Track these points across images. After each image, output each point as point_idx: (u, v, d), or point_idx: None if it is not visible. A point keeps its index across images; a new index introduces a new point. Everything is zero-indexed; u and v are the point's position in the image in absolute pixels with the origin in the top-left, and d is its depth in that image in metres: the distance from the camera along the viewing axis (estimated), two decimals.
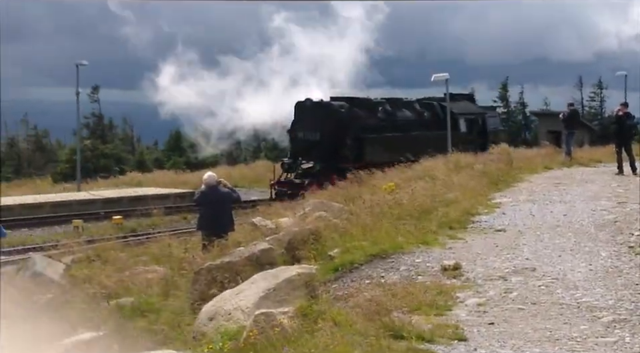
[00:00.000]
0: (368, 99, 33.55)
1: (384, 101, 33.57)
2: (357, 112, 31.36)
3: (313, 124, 30.23)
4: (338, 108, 30.77)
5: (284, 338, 6.76)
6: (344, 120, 30.38)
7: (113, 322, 9.58)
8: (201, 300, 9.59)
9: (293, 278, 8.32)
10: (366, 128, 31.17)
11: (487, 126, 36.40)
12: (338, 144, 30.05)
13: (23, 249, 23.24)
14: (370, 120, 31.73)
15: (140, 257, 15.50)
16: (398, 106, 33.84)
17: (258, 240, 13.07)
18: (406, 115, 33.74)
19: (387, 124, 32.19)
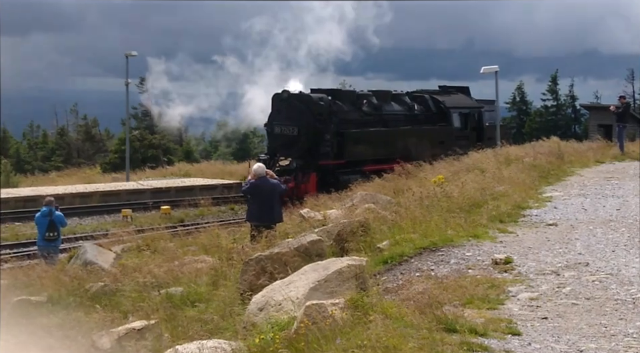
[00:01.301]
0: (351, 91, 31.55)
1: (369, 94, 31.26)
2: (339, 106, 29.20)
3: (290, 118, 28.14)
4: (317, 101, 28.30)
5: (335, 329, 6.73)
6: (324, 114, 28.08)
7: (164, 310, 9.62)
8: (250, 290, 9.58)
9: (343, 270, 8.27)
10: (348, 123, 29.03)
11: (483, 120, 34.12)
12: (317, 140, 27.75)
13: (74, 237, 23.60)
14: (353, 114, 29.59)
15: (189, 247, 15.57)
16: (385, 99, 31.42)
17: (306, 231, 13.06)
18: (394, 109, 31.46)
19: (372, 119, 30.17)
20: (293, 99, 28.19)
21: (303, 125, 27.65)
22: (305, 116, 27.68)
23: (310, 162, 27.42)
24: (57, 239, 17.83)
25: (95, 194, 33.93)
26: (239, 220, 21.32)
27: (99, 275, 12.99)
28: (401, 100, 31.99)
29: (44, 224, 17.91)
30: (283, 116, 28.21)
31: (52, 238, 17.47)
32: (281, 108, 28.43)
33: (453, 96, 33.81)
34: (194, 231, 17.67)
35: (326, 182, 26.53)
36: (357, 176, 26.90)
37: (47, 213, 18.04)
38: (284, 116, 28.19)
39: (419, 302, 7.64)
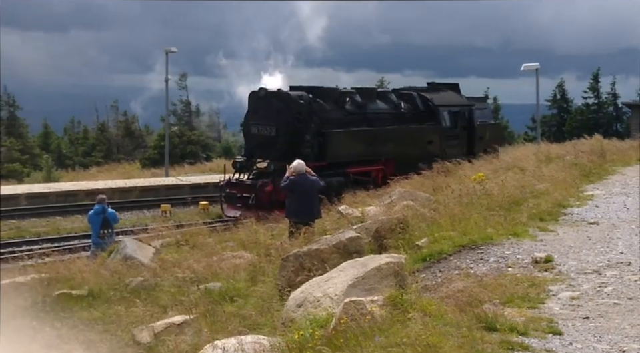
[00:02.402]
0: (333, 89, 28.92)
1: (353, 91, 29.19)
2: (320, 104, 27.17)
3: (267, 117, 26.16)
4: (296, 99, 26.32)
5: (374, 326, 6.72)
6: (303, 113, 26.17)
7: (202, 306, 9.67)
8: (288, 287, 9.61)
9: (382, 267, 8.25)
10: (330, 122, 27.03)
11: (474, 119, 32.04)
12: (296, 141, 25.88)
13: (114, 232, 23.80)
14: (335, 113, 27.55)
15: (227, 243, 15.65)
16: (370, 97, 29.47)
17: (344, 228, 13.06)
18: (379, 107, 29.55)
19: (355, 118, 28.21)
20: (271, 97, 26.31)
21: (281, 125, 25.90)
22: (283, 115, 25.92)
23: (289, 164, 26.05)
24: (111, 236, 18.01)
25: (134, 190, 34.24)
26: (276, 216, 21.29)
27: (139, 270, 13.09)
28: (386, 98, 30.36)
29: (97, 222, 18.09)
30: (260, 115, 26.42)
31: (105, 235, 17.58)
32: (257, 106, 26.62)
33: (442, 93, 32.02)
34: (232, 227, 17.69)
35: None
36: (340, 179, 26.02)
37: (100, 211, 18.19)
38: (261, 115, 26.40)
39: (459, 300, 7.60)
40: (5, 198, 31.63)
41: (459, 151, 30.03)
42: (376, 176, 27.88)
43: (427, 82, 33.58)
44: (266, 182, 25.05)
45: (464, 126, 31.37)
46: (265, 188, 24.74)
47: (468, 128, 31.51)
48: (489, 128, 32.83)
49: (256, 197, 24.63)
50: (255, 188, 24.99)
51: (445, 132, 30.26)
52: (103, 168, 52.56)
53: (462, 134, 31.13)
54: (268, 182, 24.94)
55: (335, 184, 25.11)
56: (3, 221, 27.73)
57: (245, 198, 25.11)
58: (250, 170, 26.79)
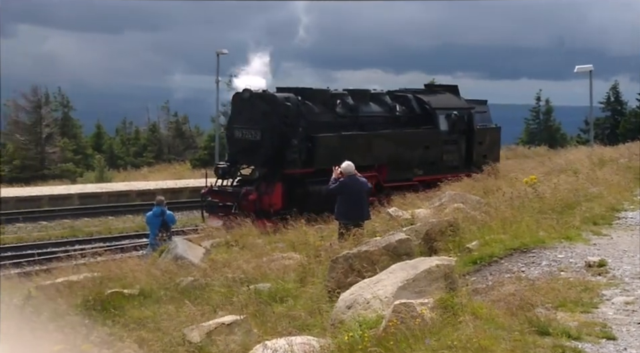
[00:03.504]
0: (323, 90, 26.94)
1: (345, 93, 27.15)
2: (309, 107, 25.35)
3: (252, 120, 24.37)
4: (283, 101, 24.48)
5: (424, 329, 6.68)
6: (290, 116, 24.32)
7: (252, 306, 9.71)
8: (337, 288, 9.60)
9: (432, 270, 8.21)
10: (319, 126, 25.14)
11: (473, 123, 29.96)
12: (283, 146, 24.11)
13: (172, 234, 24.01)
14: (324, 116, 25.64)
15: (276, 243, 15.70)
16: (363, 99, 27.47)
17: (394, 230, 13.02)
18: (373, 110, 27.55)
19: (347, 121, 26.22)
20: (256, 99, 24.50)
21: (267, 129, 24.12)
22: (268, 119, 24.13)
23: (275, 171, 24.08)
24: (170, 238, 18.00)
25: (184, 190, 34.59)
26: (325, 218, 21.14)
27: (189, 269, 13.19)
28: (380, 100, 28.33)
29: (156, 223, 18.14)
30: (244, 118, 24.69)
31: (164, 238, 17.17)
32: (241, 109, 24.91)
33: (440, 95, 30.17)
34: (281, 228, 17.74)
35: (293, 193, 23.87)
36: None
37: (159, 213, 18.26)
38: (245, 118, 24.65)
39: (510, 303, 7.53)
40: (59, 198, 32.19)
41: (457, 156, 28.79)
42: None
43: (425, 84, 32.01)
44: (250, 189, 23.55)
45: (463, 131, 29.48)
46: (249, 196, 23.19)
47: (467, 133, 29.63)
48: (489, 133, 31.04)
49: (239, 206, 23.06)
50: (238, 196, 23.47)
51: (442, 136, 28.50)
52: (154, 168, 53.11)
53: (460, 139, 29.34)
54: (252, 190, 23.47)
55: (324, 192, 22.75)
56: (57, 220, 28.22)
57: (228, 207, 23.65)
58: (233, 177, 25.14)
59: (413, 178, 26.62)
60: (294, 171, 23.97)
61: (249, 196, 23.07)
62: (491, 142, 30.66)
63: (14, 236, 25.60)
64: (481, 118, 30.56)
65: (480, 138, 29.86)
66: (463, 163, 28.64)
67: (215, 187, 24.77)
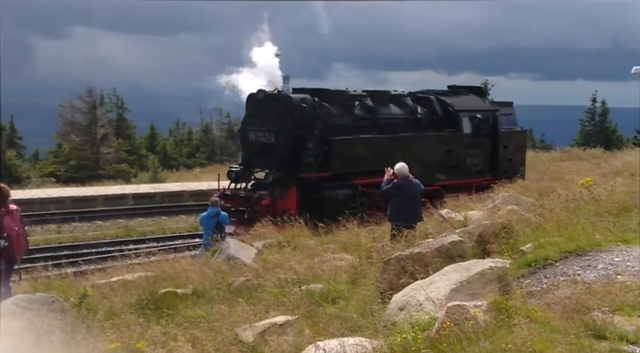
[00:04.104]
0: (341, 91, 26.12)
1: (364, 94, 26.30)
2: (325, 108, 24.56)
3: (266, 122, 23.76)
4: (298, 102, 23.66)
5: (478, 331, 6.63)
6: (306, 118, 23.54)
7: (304, 307, 9.72)
8: (390, 289, 9.56)
9: (486, 272, 8.14)
10: (336, 128, 24.35)
11: (498, 126, 28.91)
12: (298, 149, 23.41)
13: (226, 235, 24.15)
14: (342, 118, 24.86)
15: (328, 244, 15.71)
16: (383, 100, 26.63)
17: (447, 232, 12.95)
18: (393, 112, 26.69)
19: (365, 123, 25.43)
20: (270, 100, 23.83)
21: (282, 131, 23.51)
22: (283, 121, 23.49)
23: (289, 175, 23.44)
24: (224, 239, 18.02)
25: None
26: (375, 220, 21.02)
27: (241, 270, 13.26)
28: (401, 102, 27.43)
29: (211, 224, 18.03)
30: (259, 120, 24.06)
31: (218, 238, 16.86)
32: (256, 110, 24.24)
33: (464, 97, 29.12)
34: (334, 229, 17.73)
35: (308, 198, 23.21)
36: (347, 192, 23.75)
37: (214, 214, 18.17)
38: (259, 120, 24.03)
39: (566, 306, 7.43)
40: (114, 198, 32.65)
41: (481, 160, 27.96)
42: None
43: (448, 86, 30.98)
44: (263, 194, 22.83)
45: (487, 134, 28.54)
46: (262, 201, 22.44)
47: (492, 136, 28.69)
48: (515, 136, 30.13)
49: (252, 211, 22.38)
50: (251, 200, 22.78)
51: (465, 140, 27.66)
52: (207, 169, 53.51)
53: (485, 143, 28.40)
54: (265, 195, 22.75)
55: (341, 198, 23.46)
56: (112, 220, 28.61)
57: (240, 212, 22.77)
58: (247, 181, 24.58)
59: (434, 183, 25.68)
60: (309, 175, 23.34)
61: (262, 201, 22.45)
62: (517, 146, 29.89)
63: (70, 235, 26.02)
64: (507, 121, 29.74)
65: (505, 141, 29.01)
66: (487, 167, 27.87)
67: (228, 191, 24.22)
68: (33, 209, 28.23)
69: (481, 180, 27.14)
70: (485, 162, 28.10)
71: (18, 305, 9.47)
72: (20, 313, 9.30)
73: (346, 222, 17.28)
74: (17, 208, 12.42)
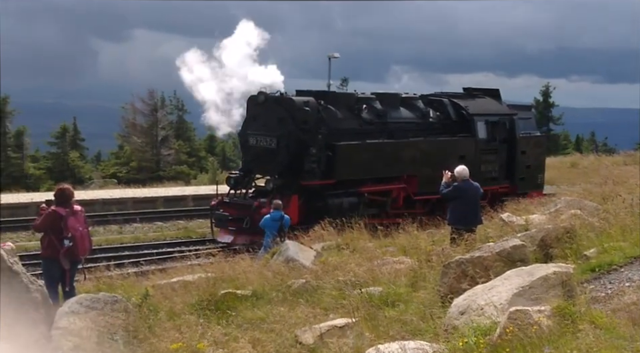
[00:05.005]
0: (348, 94, 25.23)
1: (372, 97, 25.05)
2: (331, 112, 23.45)
3: (267, 126, 22.72)
4: (301, 105, 22.53)
5: (542, 337, 6.54)
6: (309, 122, 22.47)
7: (364, 309, 9.70)
8: (450, 293, 9.50)
9: (549, 277, 8.03)
10: (342, 133, 23.30)
11: (515, 130, 27.58)
12: (300, 155, 22.41)
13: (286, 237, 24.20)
14: (348, 122, 23.77)
15: (387, 247, 15.66)
16: (392, 103, 25.39)
17: (508, 235, 12.81)
18: (403, 116, 25.51)
19: (373, 128, 24.28)
20: (272, 103, 22.80)
21: (283, 136, 22.45)
22: (285, 125, 22.46)
23: (291, 182, 22.35)
24: (284, 241, 17.93)
25: None
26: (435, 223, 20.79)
27: (300, 272, 13.26)
28: (412, 105, 26.13)
29: (274, 227, 17.88)
30: (259, 124, 23.03)
31: (281, 241, 16.72)
32: (256, 114, 23.17)
33: (479, 100, 27.87)
34: (393, 231, 17.65)
35: (311, 206, 22.28)
36: (352, 200, 22.73)
37: (278, 217, 17.97)
38: (260, 124, 23.00)
39: (632, 313, 7.29)
40: (174, 199, 32.99)
41: (496, 167, 26.75)
42: (397, 196, 24.58)
43: (463, 88, 29.54)
44: (263, 202, 21.70)
45: (504, 139, 27.28)
46: (261, 209, 21.25)
47: (509, 141, 27.41)
48: (534, 141, 28.81)
49: (251, 220, 21.35)
50: (250, 209, 21.85)
51: (480, 145, 26.36)
52: None
53: (501, 148, 27.12)
54: (265, 203, 21.51)
55: (346, 206, 22.42)
56: (172, 221, 28.91)
57: (239, 221, 22.00)
58: (247, 188, 23.62)
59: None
60: (312, 182, 22.34)
61: (261, 209, 21.29)
62: (536, 152, 28.68)
63: (131, 235, 26.34)
64: (525, 125, 28.57)
65: (523, 146, 27.79)
66: (503, 174, 26.80)
67: (226, 198, 23.40)
68: (95, 210, 28.64)
69: (496, 187, 26.25)
70: (501, 169, 26.88)
71: (82, 304, 9.64)
72: (84, 312, 9.47)
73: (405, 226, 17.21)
74: (81, 208, 12.62)
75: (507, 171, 26.97)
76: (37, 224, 12.72)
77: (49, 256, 12.31)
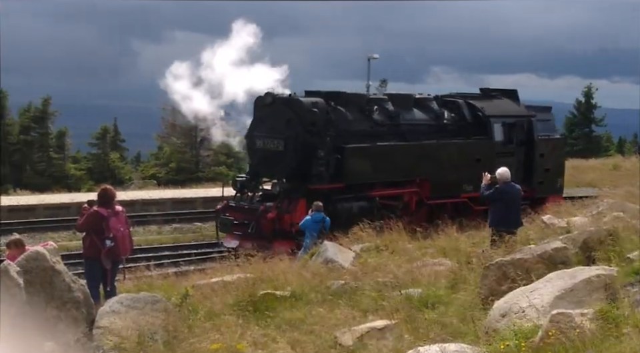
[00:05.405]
0: (359, 95, 24.39)
1: (384, 98, 24.56)
2: (340, 113, 22.80)
3: (274, 129, 22.08)
4: (309, 107, 21.84)
5: (585, 340, 6.45)
6: (318, 124, 21.76)
7: (403, 311, 9.65)
8: (490, 296, 9.43)
9: (592, 279, 7.95)
10: (351, 135, 22.66)
11: (534, 133, 26.59)
12: (308, 157, 21.74)
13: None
14: (358, 124, 23.12)
15: (427, 249, 15.59)
16: (405, 105, 24.61)
17: (549, 238, 12.71)
18: (416, 117, 24.76)
19: (385, 130, 23.60)
20: (279, 104, 22.17)
21: (290, 138, 21.80)
22: (292, 127, 21.81)
23: (298, 186, 21.79)
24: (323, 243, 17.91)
25: None
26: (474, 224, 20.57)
27: (339, 272, 13.24)
28: (426, 106, 25.35)
29: (315, 229, 17.77)
30: (266, 126, 22.37)
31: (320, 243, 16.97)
32: (263, 115, 22.55)
33: (496, 101, 26.94)
34: (432, 233, 17.58)
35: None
36: (362, 204, 22.03)
37: (320, 219, 17.86)
38: (267, 126, 22.35)
39: None
40: (212, 200, 33.07)
41: (513, 170, 25.62)
42: (409, 200, 23.84)
43: (480, 88, 28.59)
44: (269, 206, 21.33)
45: (521, 141, 26.32)
46: (267, 214, 20.97)
47: (526, 144, 26.48)
48: (553, 144, 27.99)
49: (256, 225, 21.04)
50: (256, 213, 21.40)
51: (497, 147, 25.45)
52: None
53: (518, 151, 26.15)
54: (271, 207, 21.25)
55: (356, 210, 21.70)
56: (211, 222, 29.03)
57: (244, 225, 21.49)
58: (254, 191, 22.98)
59: (460, 195, 24.42)
60: (320, 186, 21.62)
61: (267, 214, 20.99)
62: (555, 155, 27.80)
63: (171, 236, 26.55)
64: (544, 127, 27.61)
65: (542, 149, 26.84)
66: (521, 178, 25.35)
67: (232, 202, 22.85)
68: (134, 210, 28.88)
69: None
70: (519, 173, 25.11)
71: (122, 304, 9.72)
72: (124, 311, 9.55)
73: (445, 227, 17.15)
74: (122, 209, 12.74)
75: (525, 175, 26.01)
76: (79, 224, 12.88)
77: (90, 256, 12.45)
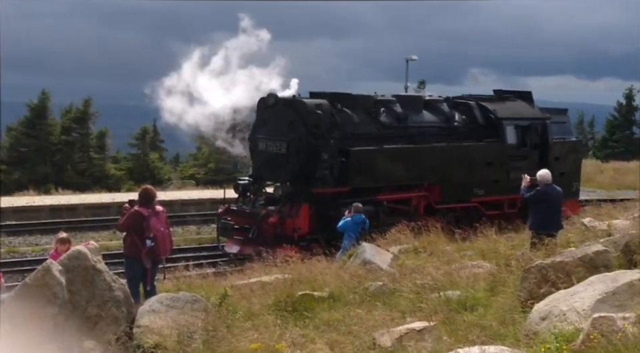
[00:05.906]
0: (365, 96, 23.53)
1: (392, 100, 23.72)
2: (346, 115, 22.24)
3: (277, 131, 21.62)
4: (313, 108, 21.29)
5: (627, 344, 6.39)
6: (321, 126, 21.26)
7: (442, 313, 9.62)
8: (530, 298, 9.37)
9: (634, 283, 7.87)
10: (357, 138, 22.14)
11: (548, 135, 25.77)
12: (312, 161, 21.20)
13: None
14: (365, 126, 22.52)
15: (466, 251, 15.53)
16: (414, 107, 24.01)
17: (589, 241, 12.59)
18: (425, 119, 24.15)
19: (392, 132, 22.96)
20: (282, 106, 21.72)
21: (293, 140, 21.35)
22: (295, 129, 21.35)
23: (301, 190, 21.33)
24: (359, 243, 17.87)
25: None
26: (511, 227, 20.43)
27: (377, 274, 13.25)
28: (436, 108, 24.75)
29: (355, 230, 17.70)
30: (269, 128, 21.95)
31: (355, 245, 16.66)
32: (266, 117, 22.16)
33: (509, 103, 26.29)
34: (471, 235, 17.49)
35: (323, 216, 21.17)
36: (369, 208, 20.65)
37: (360, 221, 17.81)
38: (270, 128, 21.92)
39: None
40: None
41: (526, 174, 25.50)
42: (417, 204, 23.32)
43: (494, 90, 28.12)
44: (270, 211, 20.97)
45: (535, 144, 25.58)
46: (269, 218, 20.65)
47: (540, 147, 25.67)
48: (568, 147, 27.14)
49: (258, 229, 20.71)
50: (257, 218, 21.02)
51: (509, 151, 24.95)
52: None
53: (532, 154, 25.40)
54: (273, 211, 20.89)
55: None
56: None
57: (245, 230, 21.18)
58: (256, 195, 22.55)
59: (471, 199, 24.01)
60: (324, 190, 21.25)
61: (268, 218, 20.67)
62: (571, 158, 26.98)
63: (209, 237, 26.66)
64: (559, 130, 26.92)
65: (557, 152, 26.06)
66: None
67: (233, 206, 22.46)
68: (173, 210, 29.08)
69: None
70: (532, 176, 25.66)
71: (162, 303, 9.82)
72: (164, 311, 9.65)
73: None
74: (162, 209, 12.84)
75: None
76: (120, 224, 13.00)
77: (131, 255, 12.57)
